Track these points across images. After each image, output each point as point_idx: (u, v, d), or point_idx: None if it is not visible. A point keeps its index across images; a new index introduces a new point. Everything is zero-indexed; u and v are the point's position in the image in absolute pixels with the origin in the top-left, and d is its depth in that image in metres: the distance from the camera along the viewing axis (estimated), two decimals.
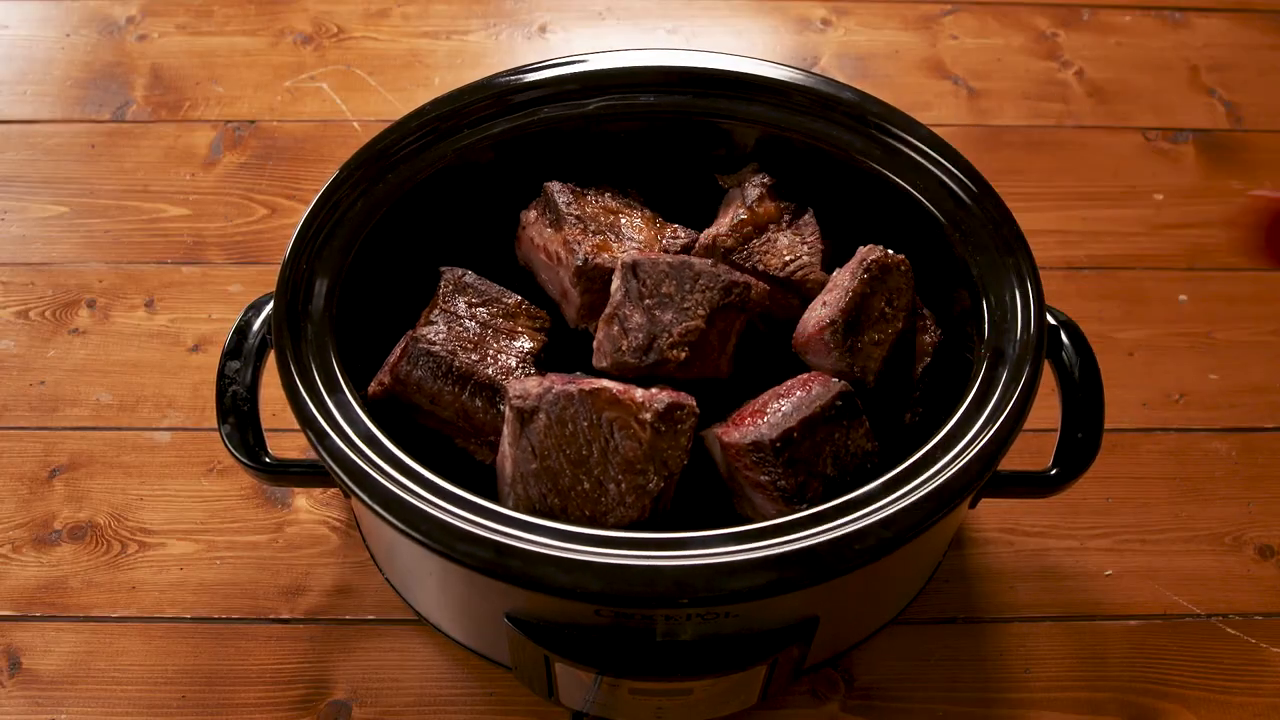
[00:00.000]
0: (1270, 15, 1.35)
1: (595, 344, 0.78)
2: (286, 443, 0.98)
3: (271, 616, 0.89)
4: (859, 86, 0.88)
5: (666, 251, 0.84)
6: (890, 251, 0.79)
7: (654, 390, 0.72)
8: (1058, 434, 0.79)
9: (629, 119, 0.88)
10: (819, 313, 0.79)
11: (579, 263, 0.81)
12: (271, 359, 0.76)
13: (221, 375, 0.78)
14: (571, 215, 0.83)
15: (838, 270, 0.82)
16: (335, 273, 0.79)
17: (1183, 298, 1.10)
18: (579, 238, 0.82)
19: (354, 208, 0.82)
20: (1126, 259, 1.13)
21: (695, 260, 0.78)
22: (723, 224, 0.85)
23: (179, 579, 0.91)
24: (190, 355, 1.04)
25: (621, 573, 0.65)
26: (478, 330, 0.80)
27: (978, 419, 0.71)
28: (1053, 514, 0.95)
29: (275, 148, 1.20)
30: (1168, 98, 1.27)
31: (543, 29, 1.33)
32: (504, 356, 0.79)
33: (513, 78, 0.88)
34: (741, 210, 0.84)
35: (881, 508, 0.67)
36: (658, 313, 0.76)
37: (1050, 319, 0.81)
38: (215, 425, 0.78)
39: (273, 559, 0.92)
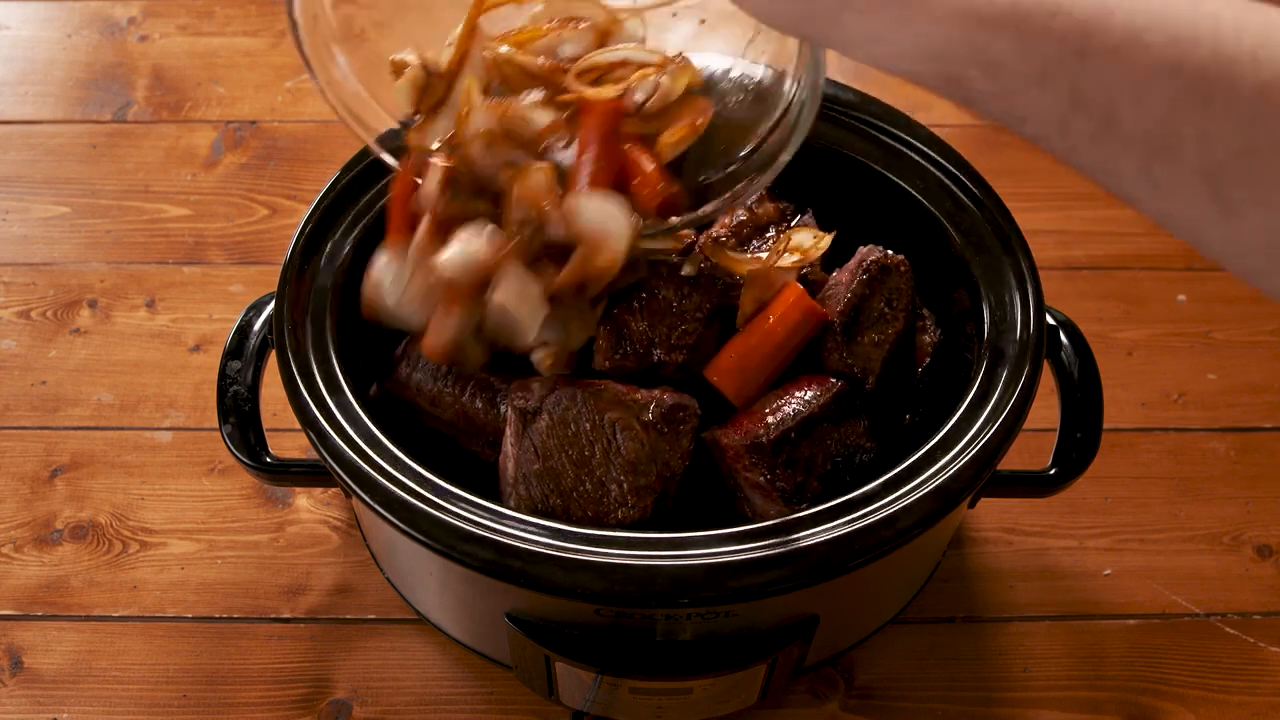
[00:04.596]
0: None
1: (596, 345, 0.78)
2: (287, 442, 0.98)
3: (272, 616, 0.90)
4: (858, 87, 0.88)
5: None
6: (890, 252, 0.79)
7: (656, 391, 0.72)
8: (1057, 434, 0.79)
9: None
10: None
11: None
12: (273, 359, 0.76)
13: (223, 375, 0.78)
14: None
15: (837, 270, 0.82)
16: (336, 273, 0.79)
17: (1181, 298, 1.10)
18: None
19: (355, 208, 0.82)
20: (1125, 259, 1.13)
21: None
22: (723, 224, 0.85)
23: (180, 578, 0.91)
24: (191, 355, 1.04)
25: (621, 573, 0.65)
26: None
27: (977, 419, 0.71)
28: (1052, 514, 0.95)
29: (276, 148, 1.20)
30: None
31: None
32: None
33: None
34: (741, 211, 0.85)
35: (881, 508, 0.67)
36: (658, 315, 0.76)
37: (1049, 319, 0.81)
38: (216, 425, 0.78)
39: (273, 558, 0.92)
